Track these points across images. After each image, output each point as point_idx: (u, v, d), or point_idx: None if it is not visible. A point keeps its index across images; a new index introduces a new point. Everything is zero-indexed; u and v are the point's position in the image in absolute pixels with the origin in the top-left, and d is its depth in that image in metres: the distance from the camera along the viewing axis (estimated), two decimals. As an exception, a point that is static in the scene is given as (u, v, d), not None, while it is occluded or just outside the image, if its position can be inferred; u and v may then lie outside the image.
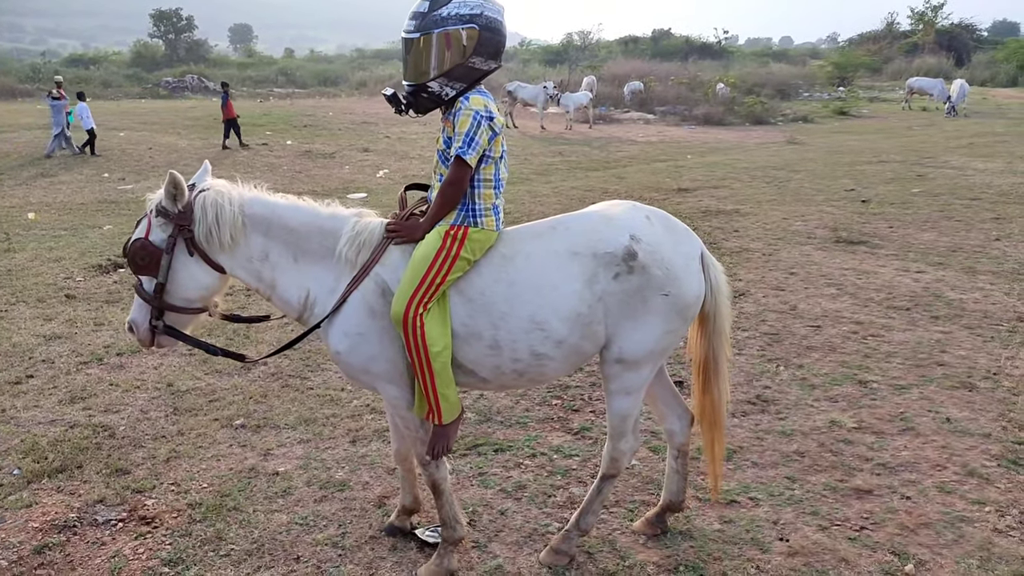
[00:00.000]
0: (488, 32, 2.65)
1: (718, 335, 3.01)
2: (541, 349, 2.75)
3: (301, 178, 14.49)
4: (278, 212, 2.87)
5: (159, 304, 2.80)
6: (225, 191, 2.82)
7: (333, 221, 2.88)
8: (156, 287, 2.78)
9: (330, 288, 2.83)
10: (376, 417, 4.38)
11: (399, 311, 2.64)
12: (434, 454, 2.88)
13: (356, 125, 23.60)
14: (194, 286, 2.84)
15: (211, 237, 2.76)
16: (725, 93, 29.77)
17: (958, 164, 14.80)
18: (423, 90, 2.74)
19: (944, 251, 8.04)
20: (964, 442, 3.96)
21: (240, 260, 2.84)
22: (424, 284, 2.65)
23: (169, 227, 2.77)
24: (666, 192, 12.33)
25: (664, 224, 2.91)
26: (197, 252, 2.79)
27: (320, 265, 2.86)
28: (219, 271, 2.85)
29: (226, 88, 19.74)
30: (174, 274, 2.79)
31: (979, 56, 51.07)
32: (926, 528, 3.23)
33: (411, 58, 2.71)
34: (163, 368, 5.16)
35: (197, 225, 2.76)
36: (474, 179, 2.76)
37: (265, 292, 2.93)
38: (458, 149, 2.66)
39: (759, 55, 61.75)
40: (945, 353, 5.17)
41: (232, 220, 2.78)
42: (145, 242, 2.77)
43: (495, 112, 2.72)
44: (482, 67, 2.71)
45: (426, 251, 2.70)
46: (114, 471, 3.83)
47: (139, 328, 2.84)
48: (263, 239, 2.84)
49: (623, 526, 3.32)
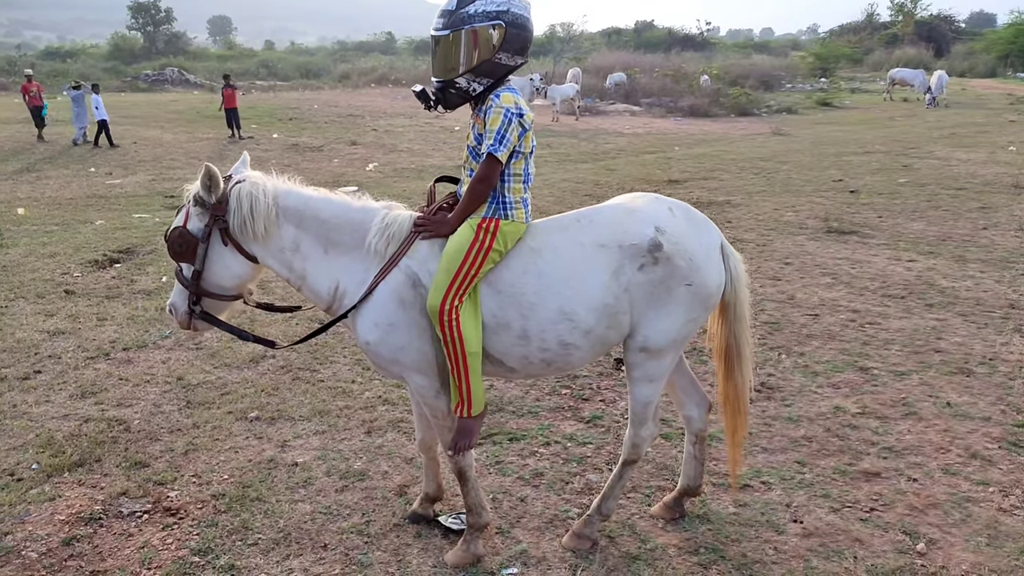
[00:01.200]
0: (515, 28, 2.71)
1: (739, 322, 3.09)
2: (569, 339, 2.82)
3: (290, 172, 13.95)
4: (311, 204, 2.91)
5: (195, 290, 2.88)
6: (260, 183, 2.87)
7: (363, 214, 2.93)
8: (193, 274, 2.86)
9: (360, 280, 2.88)
10: (390, 408, 4.44)
11: (435, 304, 2.69)
12: (456, 449, 2.93)
13: (342, 118, 23.51)
14: (228, 275, 2.90)
15: (245, 228, 2.82)
16: (709, 85, 29.95)
17: (942, 154, 15.02)
18: (451, 86, 2.80)
19: (934, 240, 8.20)
20: (965, 425, 4.09)
21: (272, 250, 2.90)
22: (459, 277, 2.71)
23: (206, 217, 2.83)
24: (657, 184, 12.42)
25: (686, 215, 2.99)
26: (231, 242, 2.86)
27: (350, 256, 2.91)
28: (252, 261, 2.91)
29: (228, 79, 20.01)
30: (209, 263, 2.87)
31: (958, 47, 51.67)
32: (934, 508, 3.34)
33: (439, 55, 2.77)
34: (172, 362, 5.17)
35: (232, 216, 2.82)
36: (504, 173, 2.82)
37: (296, 283, 2.98)
38: (489, 146, 2.72)
39: (741, 47, 62.16)
40: (941, 340, 5.30)
41: (266, 212, 2.83)
42: (183, 230, 2.85)
43: (525, 109, 2.78)
44: (508, 63, 2.76)
45: (460, 244, 2.76)
46: (133, 464, 3.86)
47: (178, 311, 2.93)
48: (295, 230, 2.89)
49: (641, 511, 3.41)
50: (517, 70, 2.86)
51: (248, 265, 2.92)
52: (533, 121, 2.84)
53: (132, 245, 8.36)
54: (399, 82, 39.58)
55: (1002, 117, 22.61)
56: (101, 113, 17.04)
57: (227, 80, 20.02)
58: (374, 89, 37.32)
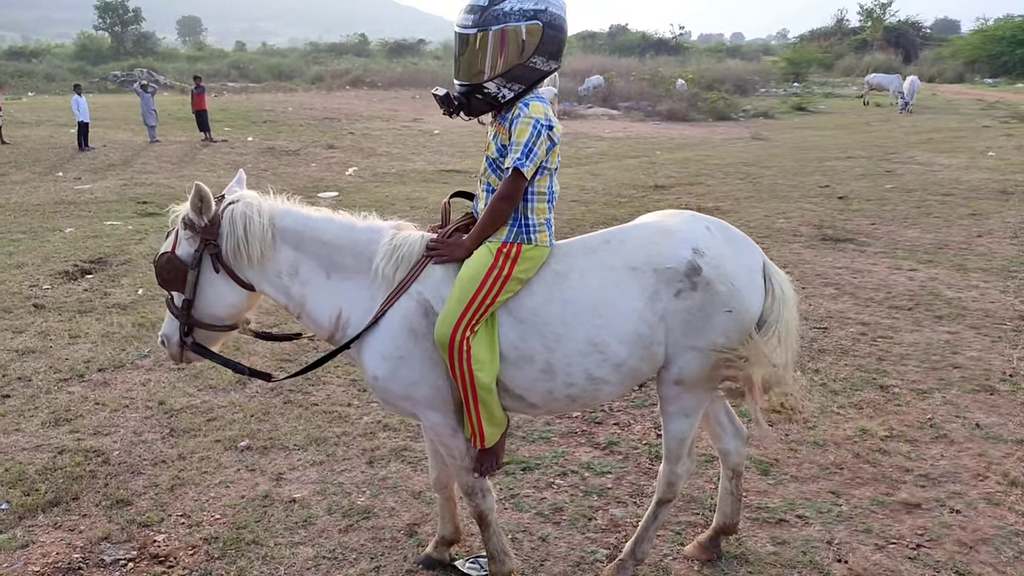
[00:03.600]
0: (552, 30, 2.45)
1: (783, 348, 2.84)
2: (598, 373, 2.57)
3: (268, 176, 14.03)
4: (311, 224, 2.64)
5: (187, 321, 2.62)
6: (255, 203, 2.60)
7: (369, 234, 2.66)
8: (184, 303, 2.60)
9: (365, 307, 2.61)
10: (391, 435, 4.15)
11: (445, 333, 2.43)
12: (482, 471, 2.69)
13: (318, 121, 23.07)
14: (221, 304, 2.63)
15: (239, 252, 2.55)
16: (685, 89, 29.96)
17: (923, 160, 15.05)
18: (478, 91, 2.52)
19: (931, 248, 8.09)
20: (999, 449, 3.91)
21: (269, 276, 2.63)
22: (473, 305, 2.45)
23: (196, 241, 2.56)
24: (643, 189, 12.26)
25: (725, 235, 2.74)
26: (224, 269, 2.59)
27: (354, 281, 2.63)
28: (248, 288, 2.64)
29: (198, 81, 19.65)
30: (200, 291, 2.60)
31: (925, 53, 52.48)
32: (984, 545, 3.14)
33: (466, 55, 2.49)
34: (152, 384, 4.83)
35: (224, 240, 2.55)
36: (527, 192, 2.55)
37: (294, 310, 2.69)
38: (516, 160, 2.45)
39: (713, 51, 62.53)
40: (957, 355, 5.14)
41: (262, 234, 2.56)
42: (171, 256, 2.58)
43: (554, 120, 2.52)
44: (543, 68, 2.50)
45: (476, 269, 2.49)
46: (115, 502, 3.53)
47: (170, 343, 2.69)
48: (293, 252, 2.62)
49: (674, 551, 3.16)
50: (549, 75, 2.59)
51: (243, 293, 2.64)
52: (561, 134, 2.58)
53: (104, 255, 7.95)
54: (374, 84, 39.15)
55: (976, 122, 22.84)
56: (83, 115, 16.61)
57: (197, 82, 19.59)
58: (349, 91, 36.82)
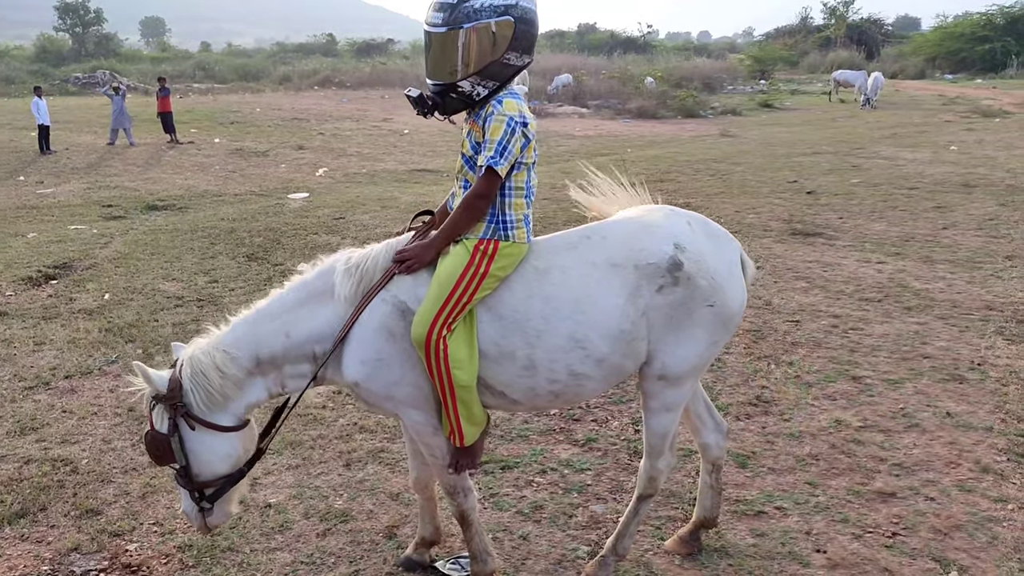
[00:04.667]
0: (523, 24, 2.43)
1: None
2: (580, 369, 2.55)
3: (236, 178, 13.85)
4: (260, 326, 2.60)
5: (194, 487, 2.58)
6: (201, 344, 2.58)
7: (322, 277, 2.64)
8: (182, 471, 2.56)
9: (335, 330, 2.58)
10: (368, 437, 4.11)
11: (421, 333, 2.40)
12: (458, 468, 2.66)
13: (286, 121, 22.81)
14: (214, 458, 2.58)
15: (209, 399, 2.52)
16: (654, 87, 30.14)
17: (888, 154, 15.28)
18: (452, 90, 2.49)
19: (898, 241, 8.22)
20: (970, 437, 3.97)
21: (248, 397, 2.61)
22: (449, 303, 2.42)
23: (167, 410, 2.52)
24: (616, 187, 12.28)
25: (705, 230, 2.76)
26: (199, 423, 2.53)
27: (319, 320, 2.59)
28: (236, 428, 2.59)
29: (163, 83, 19.35)
30: (191, 454, 2.55)
31: (887, 50, 53.37)
32: (958, 531, 3.19)
33: (437, 55, 2.46)
34: (121, 391, 4.72)
35: (189, 395, 2.51)
36: (504, 187, 2.53)
37: (275, 393, 2.70)
38: (489, 159, 2.42)
39: (681, 49, 62.96)
40: (927, 345, 5.22)
41: (220, 368, 2.52)
42: (152, 432, 2.55)
43: (529, 116, 2.49)
44: (517, 63, 2.48)
45: (452, 267, 2.47)
46: (84, 512, 3.44)
47: (192, 516, 2.67)
48: (257, 366, 2.59)
49: (655, 546, 3.16)
50: (523, 71, 2.57)
51: (232, 437, 2.59)
52: (536, 130, 2.56)
53: (69, 260, 7.78)
54: (343, 84, 38.82)
55: (938, 117, 23.26)
56: (43, 118, 16.25)
57: (162, 83, 19.29)
58: (318, 91, 36.47)
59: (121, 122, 17.76)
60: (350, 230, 8.96)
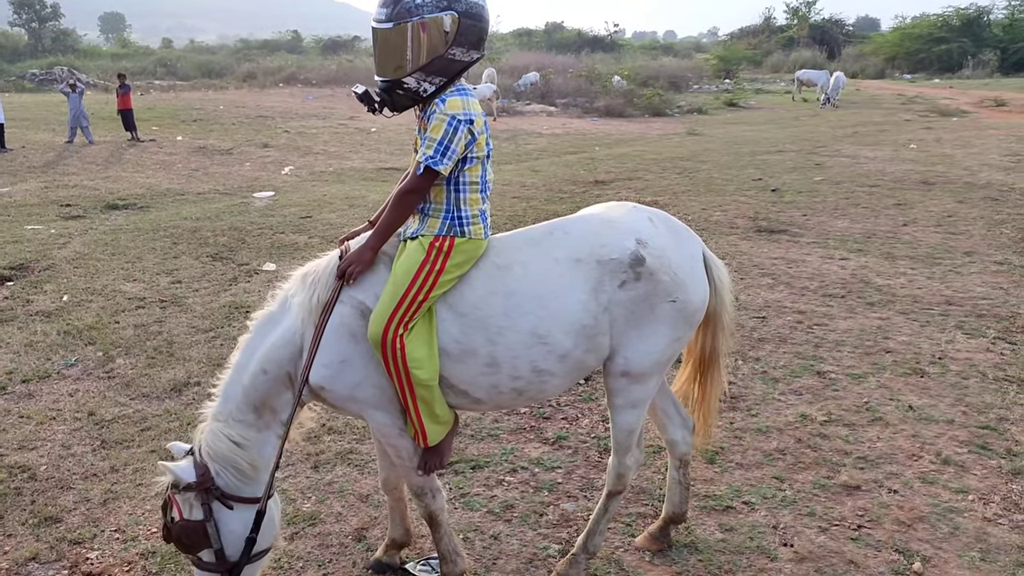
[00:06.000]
0: (468, 19, 2.40)
1: (722, 332, 2.94)
2: (543, 365, 2.55)
3: (199, 176, 13.61)
4: (239, 367, 2.57)
5: (228, 569, 2.51)
6: (210, 426, 2.53)
7: (281, 304, 2.60)
8: (216, 555, 2.49)
9: (295, 347, 2.55)
10: (336, 438, 4.06)
11: (377, 332, 2.38)
12: (426, 469, 2.64)
13: (250, 119, 22.49)
14: (248, 532, 2.53)
15: (240, 474, 2.50)
16: (622, 85, 30.30)
17: (849, 152, 15.55)
18: (398, 86, 2.46)
19: (860, 238, 8.36)
20: (931, 430, 4.05)
21: (266, 452, 2.59)
22: (405, 302, 2.40)
23: (198, 495, 2.46)
24: (584, 185, 12.33)
25: (667, 225, 2.77)
26: (235, 500, 2.50)
27: (284, 340, 2.55)
28: (255, 500, 2.54)
29: (123, 79, 18.95)
30: (226, 536, 2.49)
31: (848, 50, 54.31)
32: (921, 522, 3.25)
33: (383, 50, 2.43)
34: (80, 395, 4.61)
35: (220, 477, 2.48)
36: (459, 182, 2.51)
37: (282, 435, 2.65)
38: (427, 157, 2.40)
39: (648, 48, 63.42)
40: (889, 340, 5.32)
41: (237, 437, 2.49)
42: (183, 523, 2.47)
43: (475, 112, 2.45)
44: (463, 58, 2.45)
45: (408, 265, 2.45)
46: (43, 520, 3.35)
47: None
48: (259, 418, 2.57)
49: (625, 543, 3.17)
50: (472, 66, 2.54)
51: (269, 507, 2.57)
52: (487, 123, 2.54)
53: (26, 260, 7.57)
54: (309, 82, 38.38)
55: (897, 116, 23.72)
56: None
57: (122, 80, 18.91)
58: (283, 89, 36.03)
59: (79, 120, 17.35)
60: (317, 229, 8.86)
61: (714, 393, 3.10)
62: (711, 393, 3.09)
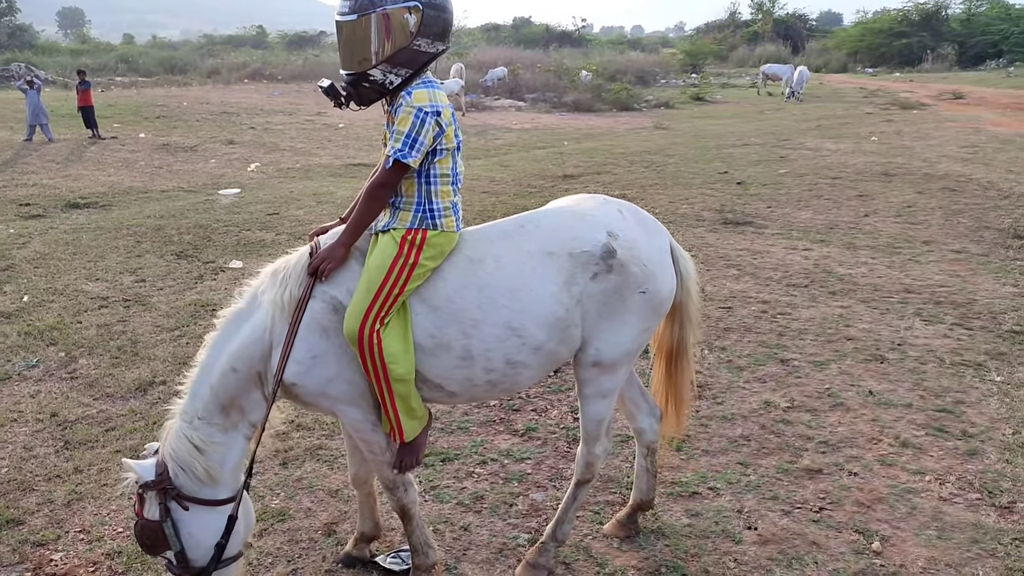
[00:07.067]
0: (432, 9, 2.41)
1: (689, 323, 2.97)
2: (517, 357, 2.57)
3: (162, 174, 13.40)
4: (205, 366, 2.53)
5: (193, 573, 2.46)
6: (175, 428, 2.49)
7: (249, 300, 2.58)
8: (178, 557, 2.44)
9: (265, 344, 2.53)
10: (305, 435, 4.05)
11: (353, 328, 2.38)
12: (402, 468, 2.64)
13: (215, 115, 22.18)
14: (212, 536, 2.47)
15: (196, 474, 2.44)
16: (589, 80, 30.42)
17: (813, 145, 15.79)
18: (364, 79, 2.46)
19: (823, 228, 8.51)
20: (890, 414, 4.15)
21: (232, 454, 2.53)
22: (381, 296, 2.40)
23: (156, 495, 2.42)
24: (552, 179, 12.37)
25: (636, 217, 2.81)
26: (192, 501, 2.45)
27: (253, 338, 2.52)
28: (229, 501, 2.50)
29: (83, 76, 18.54)
30: (186, 537, 2.44)
31: (812, 44, 55.09)
32: (880, 503, 3.34)
33: (347, 43, 2.43)
34: (42, 396, 4.54)
35: (178, 477, 2.44)
36: (429, 175, 2.52)
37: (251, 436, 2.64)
38: (396, 151, 2.40)
39: (615, 43, 63.69)
40: (850, 327, 5.43)
41: (202, 443, 2.45)
42: (144, 522, 2.43)
43: (442, 104, 2.46)
44: (429, 50, 2.46)
45: (381, 259, 2.45)
46: (4, 523, 3.30)
47: None
48: (227, 419, 2.53)
49: (593, 530, 3.22)
50: (439, 57, 2.55)
51: (226, 511, 2.49)
52: (455, 115, 2.55)
53: (-17, 261, 7.41)
54: (274, 78, 37.95)
55: (860, 110, 24.14)
56: None
57: (82, 76, 18.54)
58: (248, 85, 35.58)
59: (38, 117, 16.97)
60: (285, 226, 8.78)
61: (684, 383, 3.15)
62: (682, 383, 3.14)
